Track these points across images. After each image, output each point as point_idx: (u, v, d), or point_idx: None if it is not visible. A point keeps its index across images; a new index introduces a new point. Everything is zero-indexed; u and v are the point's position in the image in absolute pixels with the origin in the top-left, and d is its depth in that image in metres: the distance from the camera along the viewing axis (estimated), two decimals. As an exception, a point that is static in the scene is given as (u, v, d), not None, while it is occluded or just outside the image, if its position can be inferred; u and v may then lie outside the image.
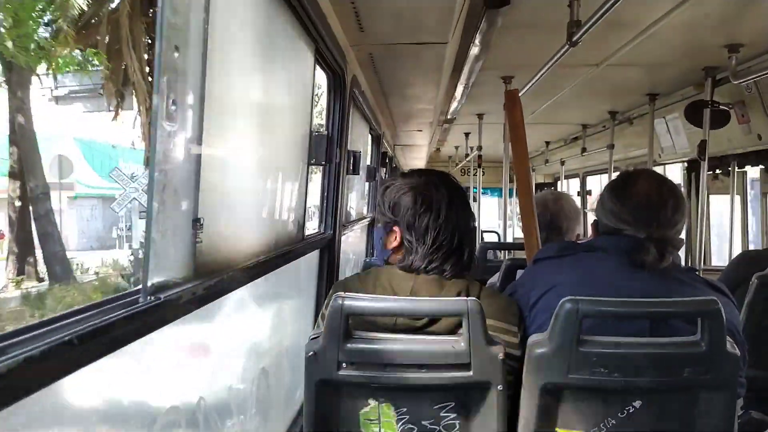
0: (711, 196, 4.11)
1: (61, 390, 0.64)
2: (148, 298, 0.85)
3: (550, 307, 1.29)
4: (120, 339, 0.77)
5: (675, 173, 4.97)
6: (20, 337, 0.62)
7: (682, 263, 3.31)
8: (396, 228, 1.36)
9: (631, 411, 1.24)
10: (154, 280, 0.87)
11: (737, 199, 4.16)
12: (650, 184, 1.44)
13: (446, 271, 1.33)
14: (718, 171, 4.14)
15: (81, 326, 0.69)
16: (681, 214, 1.42)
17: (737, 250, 4.12)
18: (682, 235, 1.49)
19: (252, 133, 1.33)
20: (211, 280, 1.03)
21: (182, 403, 1.26)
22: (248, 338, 1.77)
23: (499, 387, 1.22)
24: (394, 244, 1.36)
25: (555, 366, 1.22)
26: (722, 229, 4.25)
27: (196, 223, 0.98)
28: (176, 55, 0.87)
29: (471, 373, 1.20)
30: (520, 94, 2.82)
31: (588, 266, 1.40)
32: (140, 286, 0.85)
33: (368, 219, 4.54)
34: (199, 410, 1.32)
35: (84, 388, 0.81)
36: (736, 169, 4.00)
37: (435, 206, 1.34)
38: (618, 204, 1.44)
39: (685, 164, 4.59)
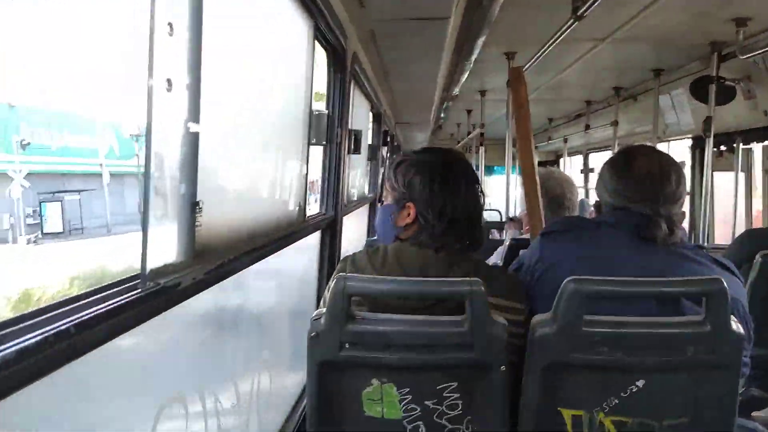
0: (716, 173, 4.08)
1: (60, 378, 0.63)
2: (147, 284, 0.83)
3: (556, 281, 1.29)
4: (120, 326, 0.75)
5: (680, 150, 4.93)
6: (17, 327, 0.61)
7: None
8: (410, 204, 1.36)
9: (633, 390, 1.24)
10: (152, 265, 0.85)
11: (742, 176, 4.13)
12: (651, 160, 1.44)
13: (457, 250, 1.35)
14: (723, 148, 4.10)
15: (79, 314, 0.68)
16: (684, 188, 1.43)
17: (741, 228, 4.11)
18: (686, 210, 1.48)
19: (250, 112, 1.30)
20: (211, 265, 1.01)
21: (184, 385, 1.26)
22: (250, 320, 1.76)
23: (502, 368, 1.22)
24: (408, 220, 1.37)
25: (558, 346, 1.22)
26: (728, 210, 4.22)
27: (195, 206, 0.96)
28: (169, 32, 0.85)
29: (473, 354, 1.21)
30: (524, 70, 2.78)
31: (595, 241, 1.40)
32: (139, 272, 0.84)
33: (370, 199, 4.52)
34: (202, 392, 1.31)
35: (84, 373, 0.80)
36: (741, 145, 3.96)
37: (452, 184, 1.35)
38: (621, 182, 1.44)
39: (690, 141, 4.55)
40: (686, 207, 4.76)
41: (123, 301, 0.77)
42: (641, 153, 1.48)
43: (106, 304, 0.74)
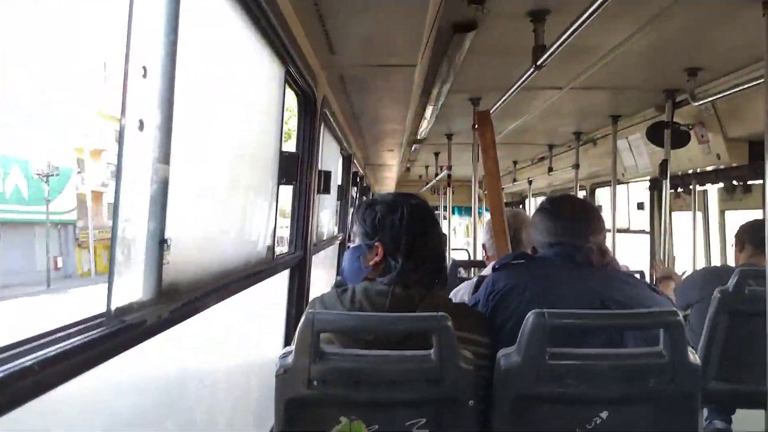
0: (675, 213, 4.23)
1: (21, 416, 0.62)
2: (112, 321, 0.83)
3: (509, 307, 1.45)
4: (83, 364, 0.75)
5: (639, 191, 5.11)
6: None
7: (647, 277, 3.41)
8: (378, 244, 1.40)
9: (598, 422, 1.27)
10: (118, 303, 0.85)
11: (699, 215, 4.29)
12: (573, 203, 1.73)
13: (424, 288, 1.38)
14: (680, 189, 4.27)
15: (42, 352, 0.68)
16: (602, 225, 1.69)
17: (700, 264, 4.24)
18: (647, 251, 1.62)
19: (221, 152, 1.32)
20: (177, 303, 1.01)
21: (151, 422, 1.23)
22: (217, 359, 1.74)
23: (470, 402, 1.23)
24: (376, 259, 1.40)
25: (524, 378, 1.25)
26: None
27: (163, 243, 0.96)
28: (143, 74, 0.87)
29: (442, 388, 1.21)
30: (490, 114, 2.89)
31: (540, 269, 1.57)
32: (104, 310, 0.84)
33: (339, 238, 4.53)
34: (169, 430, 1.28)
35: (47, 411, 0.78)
36: (697, 187, 4.13)
37: (419, 224, 1.41)
38: (552, 222, 1.64)
39: (648, 182, 4.72)
40: (646, 244, 4.89)
41: (87, 339, 0.76)
42: (564, 199, 1.77)
43: (71, 341, 0.74)
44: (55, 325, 0.76)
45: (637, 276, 2.27)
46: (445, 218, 6.45)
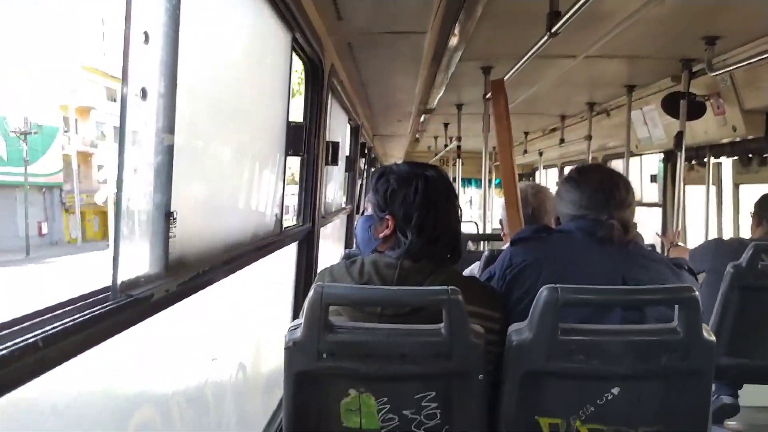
0: (687, 187, 4.17)
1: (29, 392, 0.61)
2: (119, 296, 0.82)
3: (525, 283, 1.40)
4: (89, 339, 0.73)
5: (652, 164, 5.04)
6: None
7: (657, 248, 3.38)
8: (389, 217, 1.36)
9: (609, 398, 1.26)
10: (124, 277, 0.83)
11: (713, 189, 4.23)
12: (601, 173, 1.64)
13: (435, 261, 1.36)
14: (693, 162, 4.20)
15: (47, 327, 0.66)
16: (632, 196, 1.58)
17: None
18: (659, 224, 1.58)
19: (227, 123, 1.29)
20: (185, 277, 1.00)
21: (159, 397, 1.23)
22: (226, 332, 1.74)
23: (480, 376, 1.23)
24: (386, 232, 1.37)
25: (535, 354, 1.23)
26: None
27: (169, 216, 0.94)
28: (145, 40, 0.84)
29: (451, 362, 1.20)
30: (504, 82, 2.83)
31: (559, 246, 1.51)
32: (110, 284, 0.82)
33: (347, 210, 4.51)
34: (177, 404, 1.29)
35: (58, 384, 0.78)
36: (712, 160, 4.06)
37: (433, 199, 1.36)
38: (577, 192, 1.56)
39: (662, 155, 4.65)
40: (658, 218, 4.85)
41: (93, 314, 0.75)
42: (593, 168, 1.69)
43: (76, 316, 0.72)
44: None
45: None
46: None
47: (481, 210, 4.34)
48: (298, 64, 2.13)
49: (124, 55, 0.80)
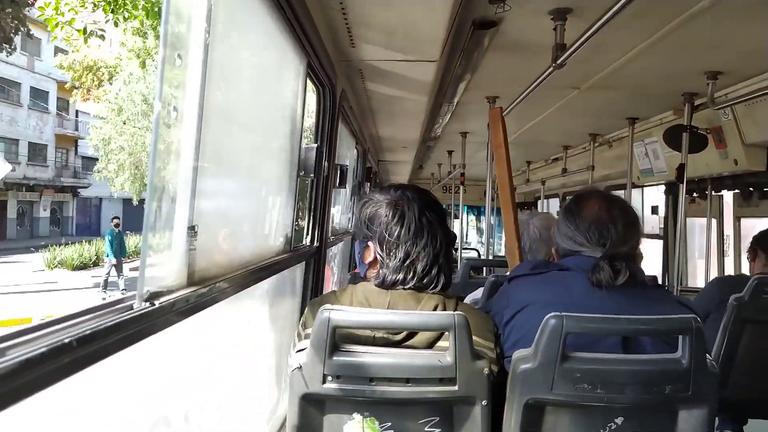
0: (689, 219, 4.20)
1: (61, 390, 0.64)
2: (143, 304, 0.85)
3: (525, 325, 1.33)
4: (115, 344, 0.76)
5: (654, 195, 5.07)
6: (19, 339, 0.62)
7: (659, 280, 3.37)
8: (370, 243, 1.35)
9: (613, 428, 1.25)
10: (149, 286, 0.86)
11: (714, 222, 4.25)
12: (600, 204, 1.48)
13: (422, 286, 1.33)
14: (695, 194, 4.24)
15: (78, 330, 0.69)
16: (633, 231, 1.46)
17: (714, 272, 4.21)
18: (659, 255, 1.53)
19: (246, 142, 1.34)
20: (203, 288, 1.03)
21: (162, 416, 1.24)
22: (231, 349, 1.75)
23: (484, 402, 1.23)
24: (370, 258, 1.36)
25: (539, 382, 1.23)
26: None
27: (191, 230, 0.98)
28: (179, 62, 0.88)
29: (456, 387, 1.21)
30: (504, 114, 2.87)
31: (559, 284, 1.42)
32: (135, 292, 0.85)
33: (352, 233, 4.55)
34: (180, 423, 1.30)
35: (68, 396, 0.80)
36: (713, 192, 4.10)
37: (407, 220, 1.32)
38: (572, 227, 1.48)
39: (664, 186, 4.69)
40: (659, 249, 4.85)
41: (119, 320, 0.78)
42: (592, 197, 1.52)
43: (103, 321, 0.75)
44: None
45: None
46: (456, 217, 6.43)
47: (482, 237, 4.36)
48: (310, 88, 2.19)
49: (159, 75, 0.85)
